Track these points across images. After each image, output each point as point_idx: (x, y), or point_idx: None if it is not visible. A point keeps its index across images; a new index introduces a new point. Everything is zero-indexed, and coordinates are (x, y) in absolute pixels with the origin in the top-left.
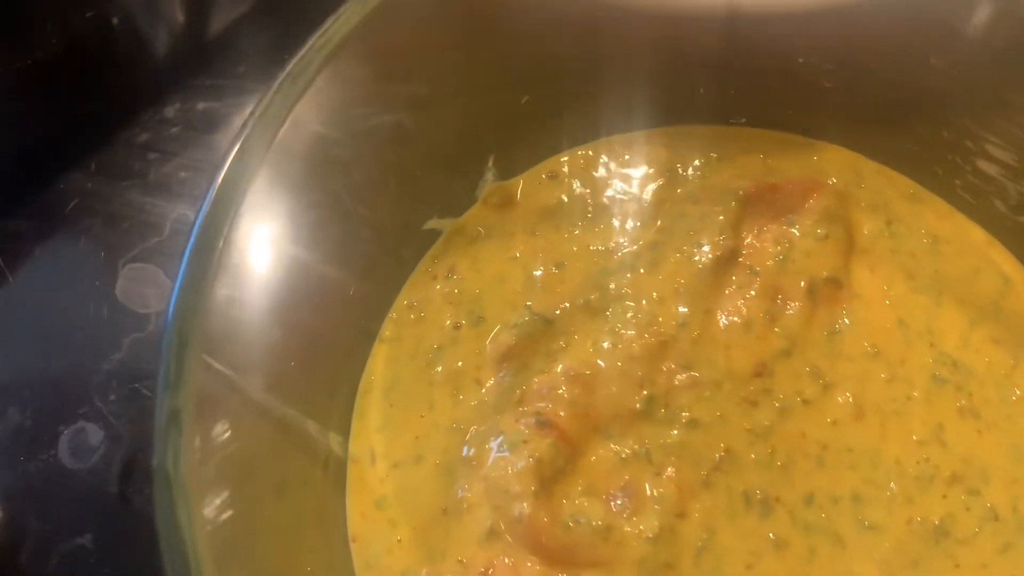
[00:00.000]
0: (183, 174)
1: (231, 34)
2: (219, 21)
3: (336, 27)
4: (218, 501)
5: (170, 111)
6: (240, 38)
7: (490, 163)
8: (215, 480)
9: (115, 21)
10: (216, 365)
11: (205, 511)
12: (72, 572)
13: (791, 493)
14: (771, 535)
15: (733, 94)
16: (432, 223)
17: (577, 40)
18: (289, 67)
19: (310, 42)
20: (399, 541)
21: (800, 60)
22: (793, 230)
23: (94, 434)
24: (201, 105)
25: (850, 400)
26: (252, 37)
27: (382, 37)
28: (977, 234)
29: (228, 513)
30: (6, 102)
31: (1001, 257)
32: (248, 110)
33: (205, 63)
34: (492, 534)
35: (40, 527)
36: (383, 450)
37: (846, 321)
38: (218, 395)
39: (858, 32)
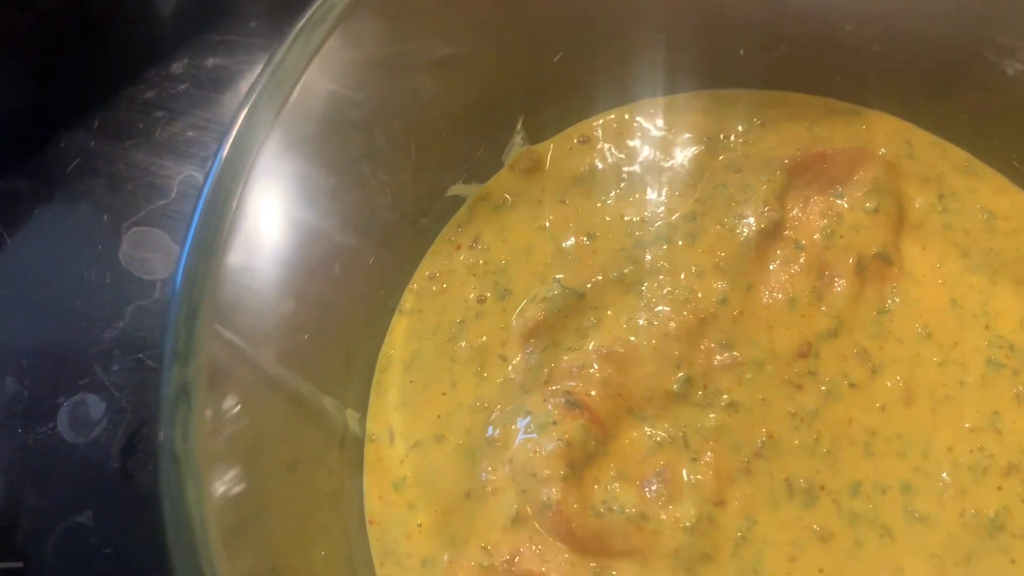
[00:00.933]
0: (191, 133)
1: None
2: None
3: None
4: (228, 478)
5: (177, 67)
6: None
7: (518, 126)
8: (225, 456)
9: None
10: (228, 335)
11: (214, 488)
12: (71, 551)
13: (837, 482)
14: (815, 526)
15: (778, 57)
16: (456, 189)
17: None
18: (302, 22)
19: None
20: (419, 526)
21: (848, 26)
22: (841, 202)
23: (95, 406)
24: (210, 61)
25: (900, 384)
26: None
27: None
28: None
29: (238, 491)
30: (4, 55)
31: None
32: (260, 67)
33: (215, 17)
34: (518, 520)
35: (37, 504)
36: (402, 429)
37: (896, 300)
38: (230, 367)
39: None
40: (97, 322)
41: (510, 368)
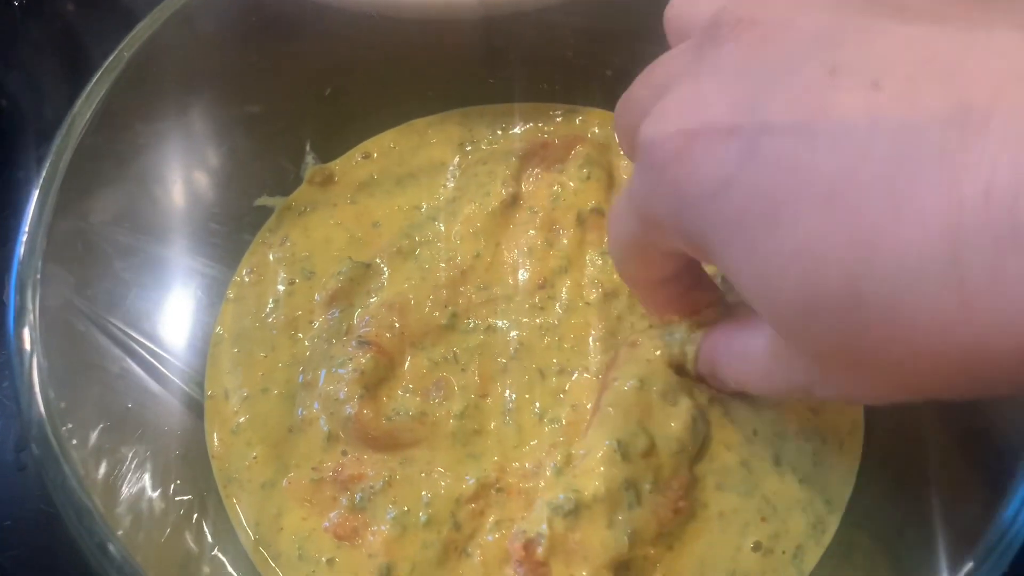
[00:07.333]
0: None
1: None
2: None
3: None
4: (94, 439)
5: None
6: None
7: (307, 148)
8: (89, 423)
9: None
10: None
11: (85, 444)
12: None
13: (583, 363)
14: (561, 395)
15: (510, 79)
16: (263, 200)
17: (361, 42)
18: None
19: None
20: (255, 458)
21: (568, 52)
22: (562, 176)
23: None
24: None
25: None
26: None
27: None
28: None
29: (102, 441)
30: None
31: None
32: None
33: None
34: (331, 438)
35: None
36: (234, 387)
37: None
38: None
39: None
40: None
41: (316, 327)
